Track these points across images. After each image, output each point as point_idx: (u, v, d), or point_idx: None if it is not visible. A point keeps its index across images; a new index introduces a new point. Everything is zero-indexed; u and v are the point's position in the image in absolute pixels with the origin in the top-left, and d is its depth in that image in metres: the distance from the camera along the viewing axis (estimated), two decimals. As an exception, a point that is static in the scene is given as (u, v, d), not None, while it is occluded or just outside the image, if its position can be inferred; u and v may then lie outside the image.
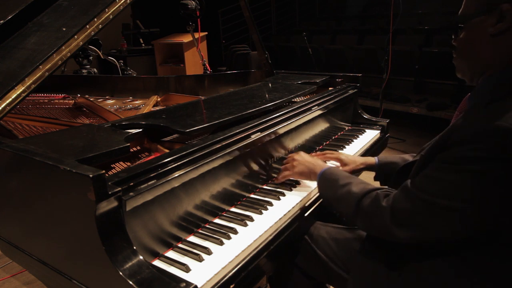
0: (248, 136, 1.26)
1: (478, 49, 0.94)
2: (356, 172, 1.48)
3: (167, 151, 1.15)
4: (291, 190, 1.34)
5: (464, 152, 0.83)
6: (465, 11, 0.97)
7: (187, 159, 1.05)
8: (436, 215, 0.88)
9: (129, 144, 1.06)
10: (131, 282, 0.79)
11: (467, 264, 0.91)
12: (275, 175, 1.44)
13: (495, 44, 0.91)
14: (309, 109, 1.62)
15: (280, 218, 1.17)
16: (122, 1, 1.42)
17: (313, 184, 1.36)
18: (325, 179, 1.21)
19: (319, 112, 1.69)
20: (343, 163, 1.48)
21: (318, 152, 1.59)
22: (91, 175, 0.78)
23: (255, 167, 1.34)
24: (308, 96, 1.86)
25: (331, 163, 1.50)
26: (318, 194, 1.36)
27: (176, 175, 1.01)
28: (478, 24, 0.92)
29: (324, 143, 1.81)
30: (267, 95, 1.69)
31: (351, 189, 1.08)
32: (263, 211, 1.19)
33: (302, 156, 1.35)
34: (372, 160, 1.47)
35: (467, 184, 0.83)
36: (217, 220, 1.16)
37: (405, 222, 0.92)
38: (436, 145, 0.94)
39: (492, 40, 0.91)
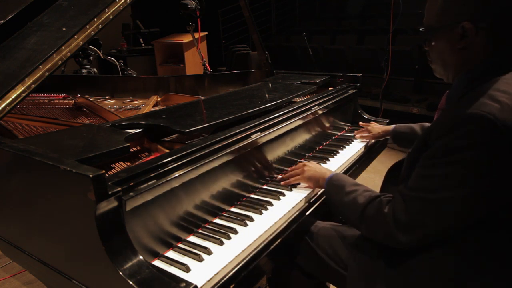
0: (248, 136, 1.26)
1: (447, 57, 1.03)
2: (378, 138, 1.85)
3: (167, 151, 1.15)
4: (291, 190, 1.34)
5: (446, 144, 0.88)
6: (429, 23, 1.06)
7: (187, 159, 1.05)
8: (436, 211, 0.91)
9: (129, 144, 1.06)
10: (131, 282, 0.79)
11: (466, 257, 0.93)
12: (275, 175, 1.44)
13: (462, 53, 0.99)
14: (309, 109, 1.62)
15: (280, 218, 1.17)
16: (122, 1, 1.42)
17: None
18: (332, 185, 1.24)
19: (319, 112, 1.69)
20: (368, 131, 1.86)
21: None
22: (91, 175, 0.78)
23: (255, 167, 1.34)
24: (308, 96, 1.86)
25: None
26: (318, 195, 1.36)
27: (176, 175, 1.01)
28: (443, 38, 1.01)
29: (324, 143, 1.81)
30: (267, 95, 1.69)
31: (357, 197, 1.11)
32: (263, 211, 1.19)
33: (313, 163, 1.40)
34: (389, 128, 1.81)
35: (458, 173, 0.87)
36: (217, 220, 1.16)
37: (408, 224, 0.95)
38: (419, 144, 0.98)
39: (458, 51, 0.99)
